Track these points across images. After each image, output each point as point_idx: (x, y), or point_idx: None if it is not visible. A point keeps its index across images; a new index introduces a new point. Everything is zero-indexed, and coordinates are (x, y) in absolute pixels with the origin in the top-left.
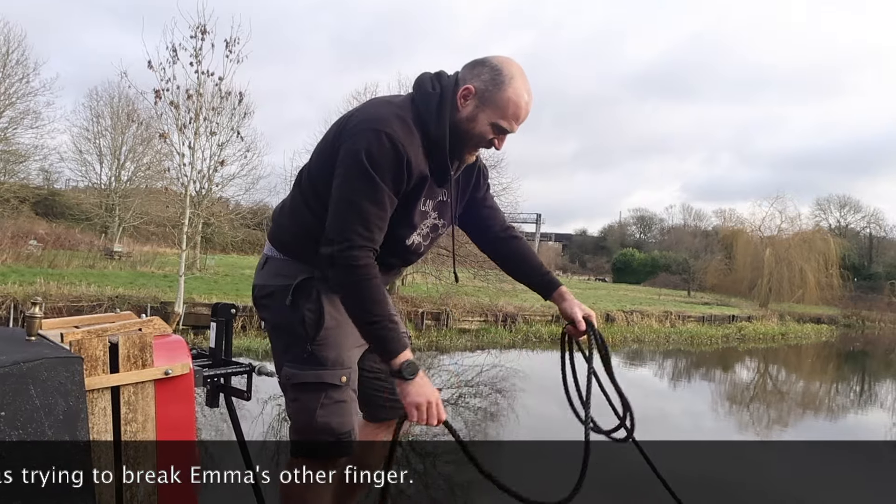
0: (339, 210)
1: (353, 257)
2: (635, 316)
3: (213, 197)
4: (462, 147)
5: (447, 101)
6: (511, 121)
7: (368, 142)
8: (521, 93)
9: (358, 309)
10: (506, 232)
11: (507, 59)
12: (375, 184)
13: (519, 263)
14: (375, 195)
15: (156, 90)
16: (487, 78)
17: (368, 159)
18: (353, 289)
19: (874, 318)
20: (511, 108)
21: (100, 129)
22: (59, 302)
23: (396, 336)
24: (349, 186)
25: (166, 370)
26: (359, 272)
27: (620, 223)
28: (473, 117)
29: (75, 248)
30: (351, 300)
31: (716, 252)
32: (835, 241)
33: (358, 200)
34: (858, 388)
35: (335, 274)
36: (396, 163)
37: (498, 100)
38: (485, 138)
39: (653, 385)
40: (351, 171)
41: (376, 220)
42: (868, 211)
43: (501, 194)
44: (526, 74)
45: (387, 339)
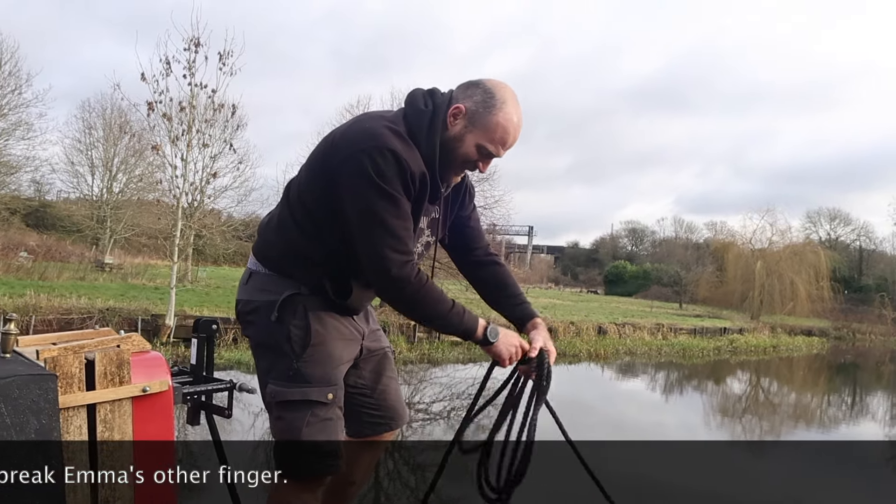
0: (366, 234)
1: (399, 278)
2: (627, 328)
3: (206, 209)
4: (448, 166)
5: (439, 119)
6: (497, 145)
7: (372, 158)
8: (510, 118)
9: (427, 317)
10: (487, 256)
11: (501, 84)
12: (391, 196)
13: (497, 289)
14: (395, 208)
15: (149, 102)
16: (479, 100)
17: (378, 175)
18: (412, 304)
19: (864, 331)
20: (499, 133)
21: (92, 141)
22: (50, 314)
23: (466, 317)
24: (367, 208)
25: (144, 387)
26: (410, 288)
27: (612, 235)
28: (461, 137)
29: (66, 259)
30: (417, 312)
31: (707, 264)
32: (825, 253)
33: (380, 218)
34: (850, 399)
35: (390, 298)
36: (402, 176)
37: (487, 122)
38: (470, 159)
39: (647, 397)
40: (364, 191)
41: (404, 232)
42: (858, 224)
43: (494, 206)
44: (518, 100)
45: (461, 324)
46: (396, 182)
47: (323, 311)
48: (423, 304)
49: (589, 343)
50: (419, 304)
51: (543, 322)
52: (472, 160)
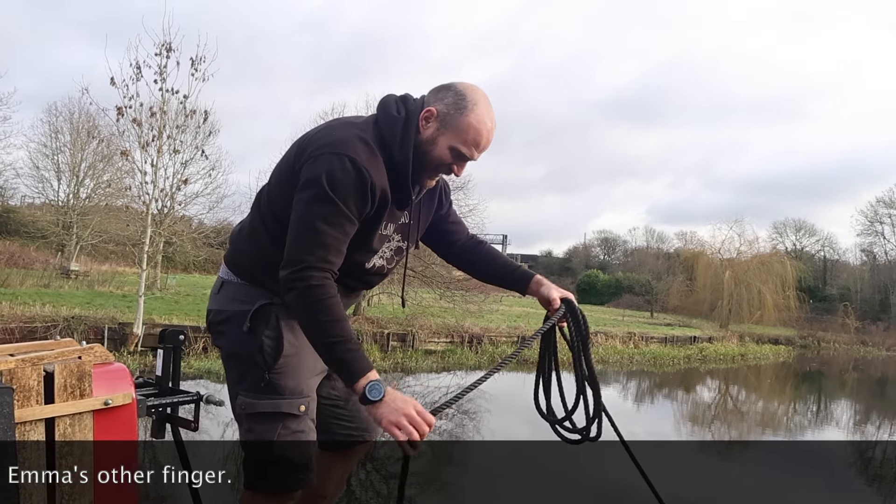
0: (297, 233)
1: (308, 277)
2: (599, 337)
3: (176, 215)
4: (421, 171)
5: (412, 125)
6: (471, 147)
7: (330, 165)
8: (483, 119)
9: (315, 330)
10: (471, 240)
11: (472, 86)
12: (335, 207)
13: (489, 265)
14: (334, 219)
15: (118, 107)
16: (450, 102)
17: (329, 183)
18: (309, 309)
19: (829, 339)
20: (471, 134)
21: (58, 146)
22: (12, 322)
23: (358, 357)
24: (308, 210)
25: (106, 400)
26: (314, 292)
27: (585, 245)
28: (433, 140)
29: (30, 266)
30: (308, 321)
31: (677, 274)
32: (791, 263)
33: (316, 224)
34: (815, 407)
35: (291, 297)
36: (359, 187)
37: (459, 124)
38: (444, 163)
39: (619, 406)
40: (311, 195)
41: (334, 244)
42: (822, 235)
43: (468, 216)
44: (490, 103)
45: (348, 361)
46: (347, 192)
47: (296, 321)
48: (318, 319)
49: (561, 352)
50: (313, 317)
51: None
52: (447, 163)
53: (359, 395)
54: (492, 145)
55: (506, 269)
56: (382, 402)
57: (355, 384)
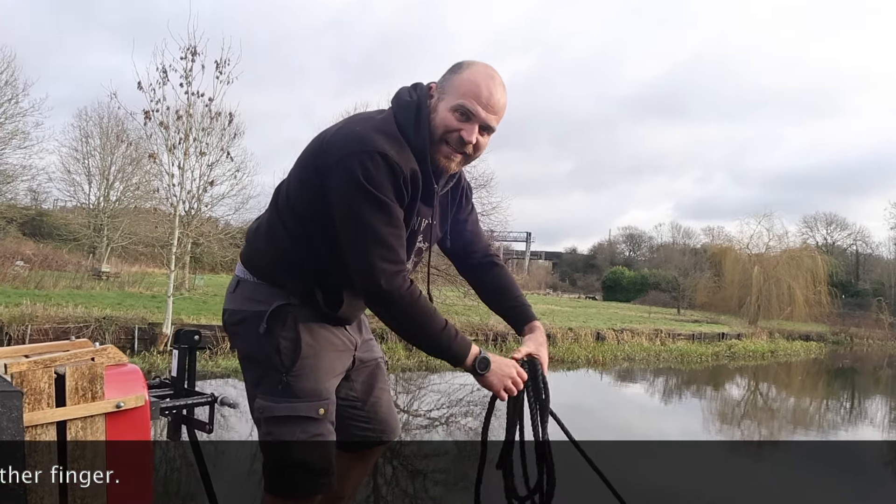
0: (355, 243)
1: (393, 290)
2: (625, 334)
3: (203, 217)
4: (433, 144)
5: (424, 107)
6: (470, 99)
7: (362, 163)
8: (479, 73)
9: (415, 334)
10: (487, 258)
11: (473, 59)
12: (382, 203)
13: (497, 292)
14: (386, 216)
15: (145, 111)
16: (447, 71)
17: (369, 182)
18: (401, 318)
19: (862, 336)
20: (466, 86)
21: (89, 150)
22: (46, 324)
23: (458, 340)
24: (361, 217)
25: (118, 403)
26: (400, 301)
27: (610, 241)
28: (436, 108)
29: (63, 268)
30: (405, 328)
31: (705, 270)
32: (822, 258)
33: (370, 226)
34: (848, 404)
35: (379, 311)
36: (394, 179)
37: (454, 81)
38: (450, 128)
39: (647, 403)
40: (356, 200)
41: (396, 241)
42: (854, 228)
43: (491, 213)
44: (494, 68)
45: (451, 348)
46: (388, 187)
47: (314, 321)
48: (413, 319)
49: (587, 349)
50: (408, 319)
51: (541, 326)
52: (453, 128)
53: (469, 370)
54: (518, 143)
55: (509, 304)
56: (491, 371)
57: (464, 364)
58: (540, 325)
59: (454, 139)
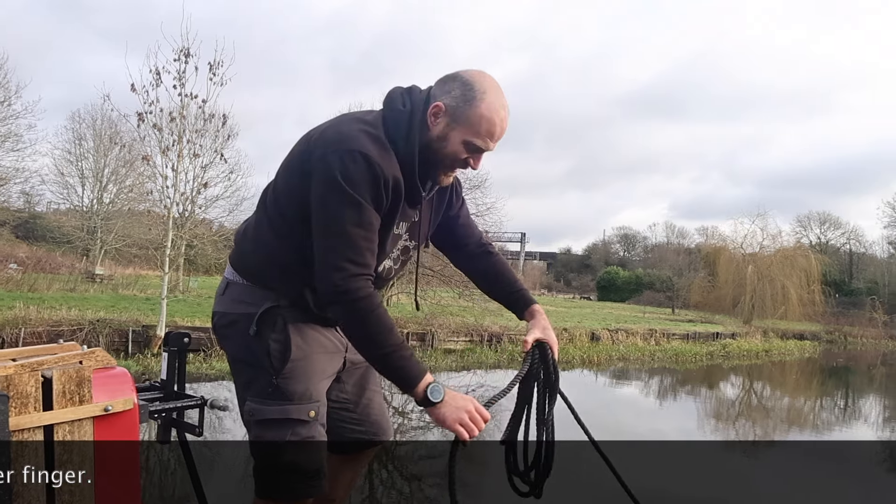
0: (326, 241)
1: (353, 290)
2: (620, 334)
3: (197, 219)
4: (435, 168)
5: (417, 118)
6: (485, 138)
7: (343, 162)
8: (494, 108)
9: (367, 343)
10: (481, 248)
11: (479, 73)
12: (358, 204)
13: (493, 280)
14: (360, 217)
15: (139, 113)
16: (458, 94)
17: (345, 180)
18: (358, 323)
19: (856, 334)
20: (484, 125)
21: (82, 152)
22: (39, 326)
23: (412, 363)
24: (330, 213)
25: (106, 406)
26: (360, 305)
27: (605, 241)
28: (445, 136)
29: (56, 271)
30: (358, 335)
31: (699, 269)
32: (816, 257)
33: (343, 227)
34: (842, 403)
35: (336, 311)
36: (374, 182)
37: (470, 116)
38: (458, 158)
39: (642, 403)
40: (329, 196)
41: (366, 244)
42: (848, 227)
43: (485, 214)
44: (501, 88)
45: (403, 369)
46: (365, 188)
47: (304, 323)
48: (367, 327)
49: (582, 349)
50: (360, 327)
51: (542, 310)
52: (462, 158)
53: (419, 399)
54: (514, 143)
55: (506, 289)
56: (443, 402)
57: (414, 390)
58: (540, 307)
59: (460, 164)
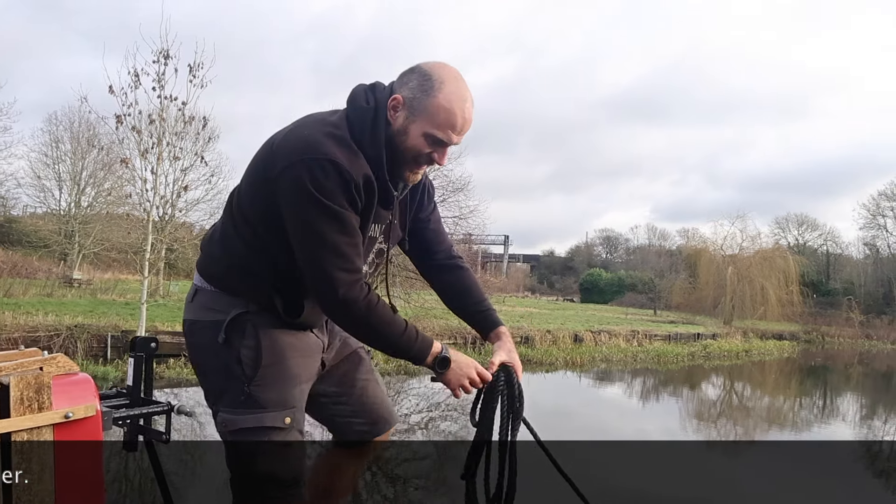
0: (312, 255)
1: (349, 301)
2: (603, 336)
3: (177, 222)
4: (400, 165)
5: (381, 115)
6: (446, 130)
7: (312, 172)
8: (451, 98)
9: (377, 340)
10: (451, 260)
11: (439, 64)
12: (336, 213)
13: (460, 295)
14: (341, 225)
15: (117, 115)
16: (415, 85)
17: (318, 191)
18: (360, 326)
19: (833, 334)
20: (443, 116)
21: (59, 155)
22: (15, 332)
23: (417, 341)
24: (312, 227)
25: (67, 413)
26: (359, 310)
27: (587, 244)
28: (405, 130)
29: (33, 276)
30: (365, 335)
31: (680, 271)
32: (794, 258)
33: (323, 236)
34: (821, 402)
35: (339, 320)
36: (346, 188)
37: (427, 107)
38: (421, 152)
39: (624, 404)
40: (305, 209)
41: (351, 249)
42: (825, 229)
43: (469, 216)
44: (462, 79)
45: (410, 350)
46: (338, 195)
47: (274, 328)
48: (373, 326)
49: (565, 351)
50: (368, 327)
51: (507, 332)
52: (425, 152)
53: (431, 369)
54: (498, 146)
55: (475, 307)
56: (450, 370)
57: (424, 363)
58: (506, 329)
59: (423, 159)
